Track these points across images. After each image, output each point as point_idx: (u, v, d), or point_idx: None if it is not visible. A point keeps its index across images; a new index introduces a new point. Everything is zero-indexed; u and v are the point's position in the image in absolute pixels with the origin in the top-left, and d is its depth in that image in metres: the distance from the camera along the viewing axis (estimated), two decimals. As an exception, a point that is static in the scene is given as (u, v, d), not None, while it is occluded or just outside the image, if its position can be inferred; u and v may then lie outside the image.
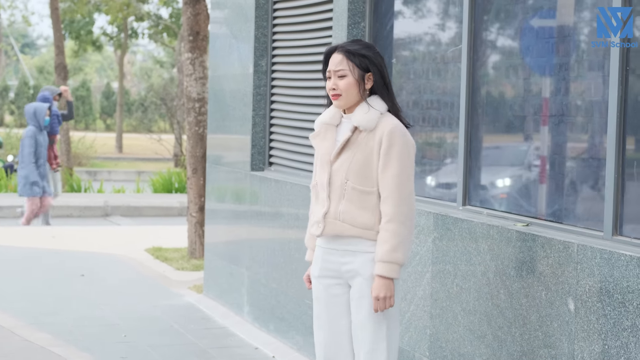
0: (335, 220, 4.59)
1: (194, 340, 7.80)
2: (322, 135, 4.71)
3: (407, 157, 4.52)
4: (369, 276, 4.54)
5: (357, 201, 4.55)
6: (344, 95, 4.59)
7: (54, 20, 21.82)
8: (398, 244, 4.46)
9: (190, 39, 11.42)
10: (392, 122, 4.55)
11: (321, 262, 4.70)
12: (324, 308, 4.71)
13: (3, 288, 9.80)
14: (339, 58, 4.61)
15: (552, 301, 4.60)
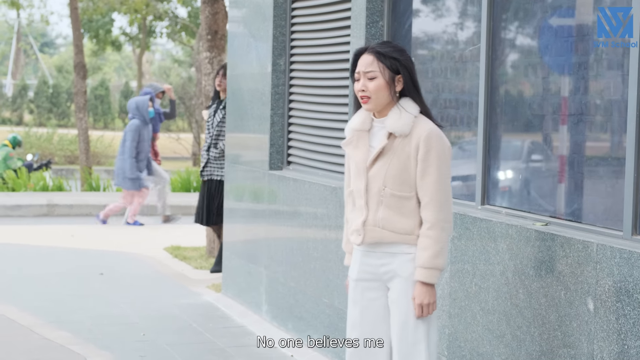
0: (375, 228, 4.56)
1: (213, 339, 7.81)
2: (355, 142, 4.66)
3: (445, 161, 4.51)
4: (408, 276, 4.52)
5: (396, 207, 4.53)
6: (373, 97, 4.54)
7: (73, 19, 21.88)
8: (439, 250, 4.46)
9: (208, 38, 11.44)
10: (427, 126, 4.51)
11: (359, 264, 4.67)
12: (359, 311, 4.67)
13: (22, 287, 9.84)
14: (370, 59, 4.56)
15: (572, 301, 4.58)
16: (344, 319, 6.80)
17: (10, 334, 7.86)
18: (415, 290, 4.49)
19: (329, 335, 7.09)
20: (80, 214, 16.45)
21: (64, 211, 16.52)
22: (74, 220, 15.67)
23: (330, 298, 7.08)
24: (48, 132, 31.84)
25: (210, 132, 10.49)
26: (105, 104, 45.86)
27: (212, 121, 10.47)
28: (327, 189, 7.16)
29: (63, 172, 26.49)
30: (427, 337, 4.54)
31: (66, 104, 45.23)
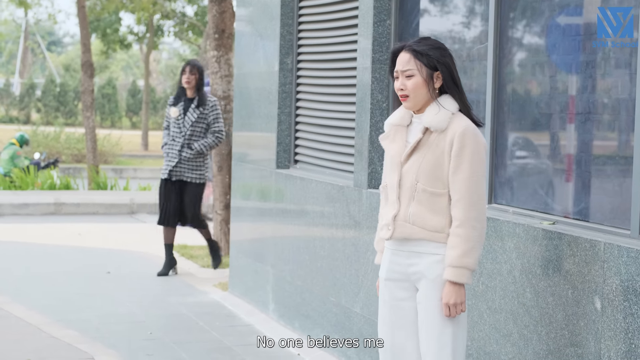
0: (405, 223, 4.51)
1: (220, 337, 7.82)
2: (392, 136, 4.62)
3: (479, 159, 4.42)
4: (435, 278, 4.45)
5: (427, 203, 4.46)
6: (412, 96, 4.50)
7: (80, 18, 21.89)
8: (469, 249, 4.37)
9: (215, 36, 11.44)
10: (463, 122, 4.45)
11: (388, 264, 4.62)
12: (388, 312, 4.62)
13: (30, 285, 9.86)
14: (407, 57, 4.51)
15: (579, 300, 4.58)
16: (351, 317, 6.81)
17: (17, 332, 7.88)
18: (444, 289, 4.42)
19: (331, 335, 7.09)
20: (87, 213, 16.47)
21: (71, 210, 16.53)
22: (81, 219, 15.69)
23: (337, 297, 7.08)
24: (55, 131, 31.88)
25: (183, 132, 10.18)
26: (112, 102, 45.91)
27: (182, 120, 10.19)
28: (334, 187, 7.16)
29: (70, 170, 26.52)
30: (453, 341, 4.46)
31: (73, 103, 45.29)
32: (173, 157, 10.22)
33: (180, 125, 10.20)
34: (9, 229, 14.14)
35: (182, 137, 10.18)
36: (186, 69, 10.21)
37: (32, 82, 47.18)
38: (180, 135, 10.20)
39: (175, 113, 10.22)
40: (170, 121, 10.31)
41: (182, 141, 10.19)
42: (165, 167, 10.28)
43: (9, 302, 8.92)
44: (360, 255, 6.72)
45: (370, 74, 6.70)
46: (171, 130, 10.29)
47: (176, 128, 10.23)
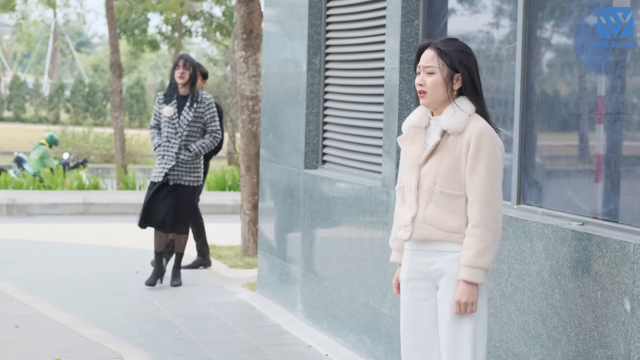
0: (423, 224, 4.54)
1: (248, 337, 7.83)
2: (411, 138, 4.64)
3: (495, 161, 4.46)
4: (455, 275, 4.49)
5: (445, 205, 4.50)
6: (429, 93, 4.52)
7: (109, 18, 21.99)
8: (483, 250, 4.42)
9: (243, 37, 11.46)
10: (480, 124, 4.49)
11: (409, 264, 4.65)
12: (411, 312, 4.65)
13: (59, 285, 9.91)
14: (431, 54, 4.54)
15: (608, 301, 4.56)
16: (379, 318, 6.80)
17: (47, 331, 7.92)
18: (458, 288, 4.46)
19: (359, 336, 7.09)
20: (116, 213, 16.54)
21: (100, 210, 16.61)
22: (110, 219, 15.76)
23: (365, 297, 7.07)
24: (84, 131, 32.04)
25: (179, 132, 9.52)
26: (140, 102, 46.07)
27: (177, 120, 9.52)
28: (362, 188, 7.16)
29: (99, 170, 26.65)
30: (473, 338, 4.49)
31: (102, 103, 45.49)
32: (169, 160, 9.54)
33: (176, 126, 9.53)
34: (38, 228, 14.23)
35: (179, 138, 9.53)
36: (180, 63, 9.55)
37: (61, 82, 47.43)
38: (176, 136, 9.54)
39: (169, 112, 9.52)
40: (161, 120, 9.64)
41: (179, 142, 9.54)
42: (161, 170, 9.56)
43: (38, 301, 8.97)
44: (388, 255, 6.71)
45: (398, 74, 6.69)
46: (165, 130, 9.58)
47: (171, 128, 9.54)
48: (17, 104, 45.62)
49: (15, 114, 45.39)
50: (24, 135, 33.58)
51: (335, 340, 7.55)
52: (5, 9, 30.94)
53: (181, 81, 9.52)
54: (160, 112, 9.62)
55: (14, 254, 11.74)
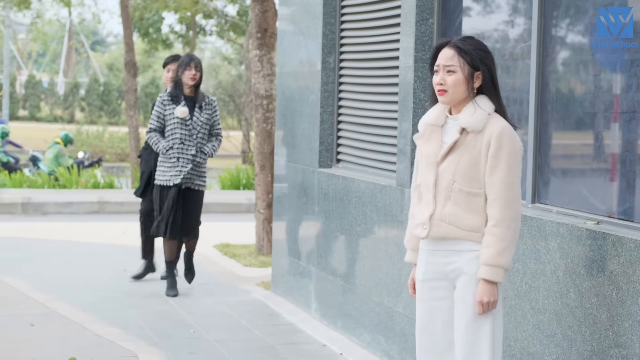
0: (441, 222, 4.53)
1: (262, 336, 7.84)
2: (427, 136, 4.64)
3: (515, 160, 4.47)
4: (473, 274, 4.48)
5: (464, 203, 4.50)
6: (450, 91, 4.52)
7: (123, 17, 22.03)
8: (504, 249, 4.41)
9: (258, 36, 11.47)
10: (500, 123, 4.49)
11: (425, 264, 4.63)
12: (427, 312, 4.63)
13: (74, 283, 9.94)
14: (450, 53, 4.53)
15: (623, 300, 4.54)
16: (394, 317, 6.80)
17: (62, 330, 7.94)
18: (478, 287, 4.45)
19: (374, 335, 7.09)
20: (130, 212, 16.55)
21: (114, 208, 16.64)
22: (124, 218, 15.78)
23: (380, 296, 7.07)
24: (99, 130, 32.12)
25: (194, 134, 9.15)
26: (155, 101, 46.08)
27: (191, 122, 9.14)
28: (376, 186, 7.15)
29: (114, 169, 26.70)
30: (491, 337, 4.48)
31: (117, 102, 45.59)
32: (186, 163, 9.16)
33: (190, 127, 9.16)
34: (53, 227, 14.27)
35: (194, 140, 9.17)
36: (191, 65, 9.18)
37: (76, 81, 47.54)
38: (191, 138, 9.15)
39: (184, 113, 9.12)
40: (170, 122, 9.17)
41: (195, 145, 9.17)
42: (177, 173, 9.14)
43: (53, 300, 8.99)
44: (402, 254, 6.70)
45: (413, 73, 6.68)
46: (177, 132, 9.14)
47: (185, 130, 9.15)
48: (32, 103, 45.76)
49: (30, 113, 45.52)
50: (39, 134, 33.69)
51: (350, 339, 7.55)
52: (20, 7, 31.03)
53: (192, 83, 9.19)
54: (165, 113, 9.21)
55: (29, 253, 11.78)
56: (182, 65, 9.21)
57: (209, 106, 9.32)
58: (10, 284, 9.75)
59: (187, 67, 9.18)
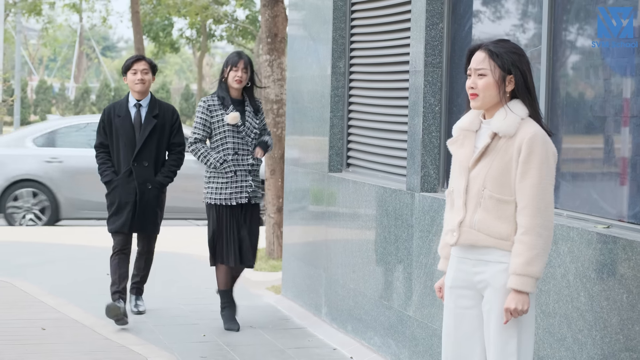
0: (470, 230, 4.43)
1: (272, 340, 7.84)
2: (461, 141, 4.55)
3: (548, 166, 4.33)
4: (500, 287, 4.38)
5: (494, 210, 4.38)
6: (480, 95, 4.42)
7: (134, 23, 22.09)
8: (534, 257, 4.27)
9: (268, 40, 11.49)
10: (533, 128, 4.35)
11: (454, 271, 4.56)
12: (452, 320, 4.56)
13: (85, 288, 9.96)
14: (482, 56, 4.44)
15: (634, 304, 4.54)
16: (404, 321, 6.80)
17: (73, 334, 7.96)
18: (508, 297, 4.33)
19: (384, 338, 7.09)
20: (141, 216, 16.57)
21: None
22: (135, 222, 15.79)
23: (390, 300, 7.07)
24: (110, 135, 32.11)
25: (248, 142, 8.14)
26: (165, 106, 46.12)
27: (244, 128, 8.11)
28: (386, 191, 7.16)
29: (124, 174, 26.72)
30: (518, 351, 4.37)
31: (128, 107, 45.58)
32: (245, 175, 8.11)
33: (243, 135, 8.10)
34: (65, 231, 14.29)
35: (248, 148, 8.14)
36: (239, 65, 8.13)
37: (86, 86, 47.67)
38: (246, 146, 8.12)
39: (235, 119, 8.02)
40: (220, 130, 8.10)
41: (249, 154, 8.15)
42: (238, 190, 8.07)
43: (65, 304, 9.02)
44: (413, 258, 6.71)
45: (423, 77, 6.69)
46: (229, 142, 8.07)
47: (238, 138, 8.08)
48: (43, 108, 45.88)
49: (41, 118, 45.59)
50: (50, 139, 33.74)
51: (360, 343, 7.55)
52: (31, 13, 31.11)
53: (238, 85, 8.12)
54: (212, 120, 8.08)
55: (40, 257, 11.80)
56: (227, 64, 8.21)
57: (260, 110, 8.40)
58: (21, 288, 9.78)
59: (233, 68, 8.15)
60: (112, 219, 8.46)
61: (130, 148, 8.28)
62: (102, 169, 8.37)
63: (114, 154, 8.36)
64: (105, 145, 8.37)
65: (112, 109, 8.44)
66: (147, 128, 8.31)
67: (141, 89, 8.39)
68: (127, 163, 8.29)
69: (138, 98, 8.41)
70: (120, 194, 8.31)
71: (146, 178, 8.31)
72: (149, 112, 8.37)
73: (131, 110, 8.36)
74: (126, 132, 8.29)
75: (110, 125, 8.34)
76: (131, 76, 8.42)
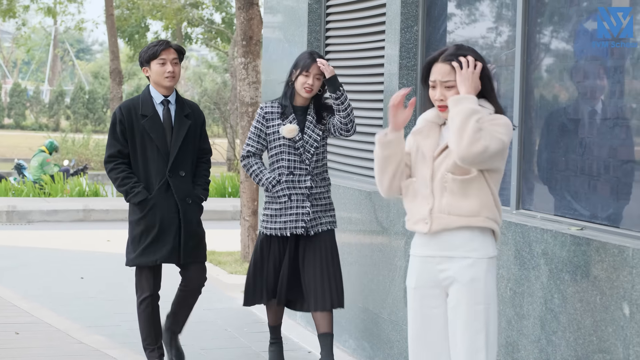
0: (441, 214, 4.47)
1: (247, 343, 7.83)
2: (426, 132, 4.60)
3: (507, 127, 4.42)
4: (466, 282, 4.43)
5: (459, 190, 4.44)
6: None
7: (108, 26, 22.02)
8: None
9: (243, 43, 11.48)
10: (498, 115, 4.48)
11: (418, 272, 4.59)
12: (420, 322, 4.58)
13: (59, 291, 9.91)
14: (447, 69, 4.48)
15: (607, 306, 4.56)
16: (379, 323, 6.80)
17: (47, 338, 7.92)
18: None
19: (359, 341, 7.09)
20: (116, 219, 16.53)
21: (100, 216, 16.62)
22: (110, 225, 15.76)
23: (365, 303, 7.07)
24: (84, 138, 32.05)
25: (305, 159, 6.62)
26: (141, 109, 46.01)
27: (302, 142, 6.60)
28: (361, 193, 7.16)
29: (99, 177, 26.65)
30: (485, 346, 4.43)
31: (102, 110, 45.55)
32: (301, 200, 6.63)
33: (301, 151, 6.62)
34: (38, 235, 14.24)
35: (306, 167, 6.63)
36: (311, 70, 6.61)
37: (61, 89, 47.48)
38: (303, 165, 6.63)
39: (291, 132, 6.59)
40: (276, 144, 6.66)
41: (308, 172, 6.65)
42: (293, 219, 6.63)
43: (39, 308, 8.97)
44: (388, 261, 6.71)
45: (398, 80, 6.70)
46: (284, 159, 6.64)
47: (294, 155, 6.63)
48: (17, 111, 45.68)
49: (15, 121, 45.45)
50: (24, 142, 33.62)
51: (335, 346, 7.54)
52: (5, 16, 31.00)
53: (307, 95, 6.64)
54: (268, 132, 6.70)
55: (14, 261, 11.75)
56: (297, 66, 6.69)
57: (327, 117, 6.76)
58: (-5, 292, 9.74)
59: (304, 72, 6.63)
60: (147, 249, 6.76)
61: (163, 156, 6.61)
62: (127, 186, 6.59)
63: (138, 164, 6.64)
64: (125, 154, 6.63)
65: (132, 107, 6.67)
66: (181, 130, 6.68)
67: (172, 83, 6.70)
68: (159, 174, 6.62)
69: (165, 94, 6.72)
70: (162, 215, 6.61)
71: (186, 192, 6.67)
72: (179, 111, 6.75)
73: (158, 109, 6.72)
74: (158, 136, 6.62)
75: (132, 127, 6.63)
76: (158, 67, 6.67)
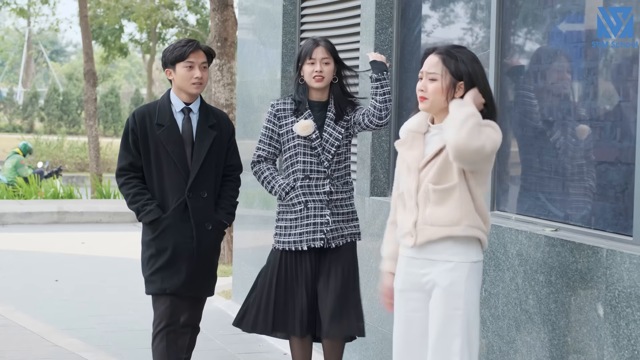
0: (424, 226, 4.45)
1: (223, 345, 7.82)
2: (409, 143, 4.57)
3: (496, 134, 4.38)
4: (446, 286, 4.41)
5: (440, 200, 4.41)
6: (430, 99, 4.45)
7: (82, 27, 21.95)
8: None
9: (218, 45, 11.47)
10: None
11: (403, 274, 4.57)
12: (403, 324, 4.58)
13: (33, 294, 9.87)
14: (435, 60, 4.46)
15: (581, 306, 4.58)
16: (354, 325, 6.79)
17: (21, 341, 7.89)
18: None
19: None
20: (90, 221, 16.49)
21: (74, 218, 16.55)
22: (84, 228, 15.71)
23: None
24: (58, 140, 31.97)
25: (324, 160, 5.74)
26: (115, 111, 45.97)
27: (320, 142, 5.73)
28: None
29: (73, 179, 26.58)
30: (461, 351, 4.40)
31: (76, 112, 45.41)
32: (320, 209, 5.74)
33: (319, 151, 5.76)
34: (12, 237, 14.17)
35: (325, 169, 5.75)
36: (316, 54, 5.76)
37: (35, 91, 47.29)
38: (321, 167, 5.76)
39: (305, 129, 5.73)
40: (290, 145, 5.80)
41: (327, 176, 5.77)
42: (310, 230, 5.75)
43: (13, 311, 8.93)
44: (362, 262, 6.71)
45: (373, 81, 6.69)
46: (300, 160, 5.77)
47: (310, 156, 5.77)
48: (-10, 113, 45.47)
49: (-11, 123, 45.22)
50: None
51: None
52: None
53: (319, 84, 5.77)
54: (280, 132, 5.85)
55: (-13, 264, 11.69)
56: (300, 56, 5.83)
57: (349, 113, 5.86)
58: (-32, 295, 9.68)
59: (308, 60, 5.78)
60: (160, 274, 5.97)
61: (182, 172, 5.76)
62: (139, 202, 5.79)
63: (152, 180, 5.80)
64: (138, 167, 5.79)
65: (146, 114, 5.79)
66: (204, 143, 5.81)
67: (199, 90, 5.83)
68: (177, 193, 5.77)
69: (188, 101, 5.84)
70: (176, 239, 5.83)
71: (205, 215, 5.88)
72: (203, 121, 5.85)
73: (177, 118, 5.81)
74: (175, 150, 5.74)
75: (145, 138, 5.75)
76: (185, 71, 5.78)
